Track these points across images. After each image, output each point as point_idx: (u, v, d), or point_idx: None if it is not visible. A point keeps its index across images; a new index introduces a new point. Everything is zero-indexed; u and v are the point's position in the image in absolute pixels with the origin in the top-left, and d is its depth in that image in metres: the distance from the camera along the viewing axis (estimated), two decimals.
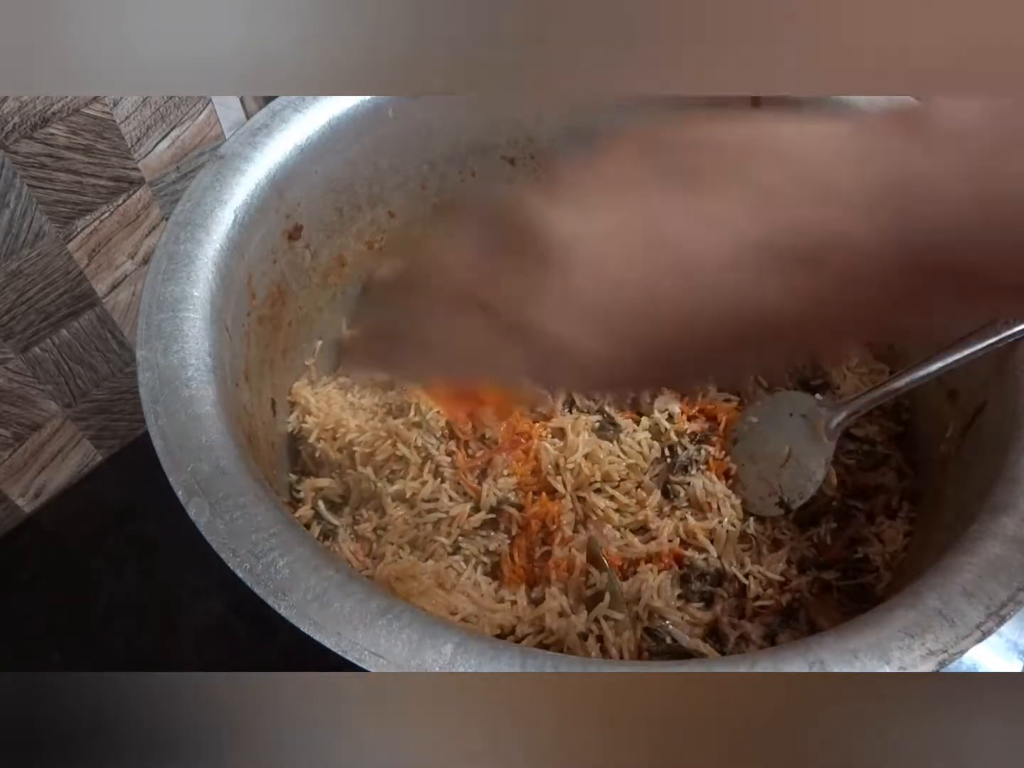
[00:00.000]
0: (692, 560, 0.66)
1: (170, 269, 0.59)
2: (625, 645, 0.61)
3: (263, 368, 0.71)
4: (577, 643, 0.59)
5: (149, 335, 0.55)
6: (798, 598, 0.66)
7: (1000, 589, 0.46)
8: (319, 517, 0.71)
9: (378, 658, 0.42)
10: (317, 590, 0.44)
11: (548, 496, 0.69)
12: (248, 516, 0.47)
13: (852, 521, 0.70)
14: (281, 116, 0.70)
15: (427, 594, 0.61)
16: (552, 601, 0.62)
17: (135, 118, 0.78)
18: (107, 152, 0.77)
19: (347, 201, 0.79)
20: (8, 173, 0.70)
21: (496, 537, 0.68)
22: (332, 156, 0.74)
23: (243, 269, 0.66)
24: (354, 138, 0.75)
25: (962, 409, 0.67)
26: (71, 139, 0.73)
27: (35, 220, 0.74)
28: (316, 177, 0.74)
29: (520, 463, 0.70)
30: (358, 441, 0.72)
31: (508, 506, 0.68)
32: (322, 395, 0.78)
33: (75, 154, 0.74)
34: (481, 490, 0.69)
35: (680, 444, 0.73)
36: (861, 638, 0.44)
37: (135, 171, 0.81)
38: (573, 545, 0.66)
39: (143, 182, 0.83)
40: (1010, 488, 0.52)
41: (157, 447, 0.50)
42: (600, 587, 0.62)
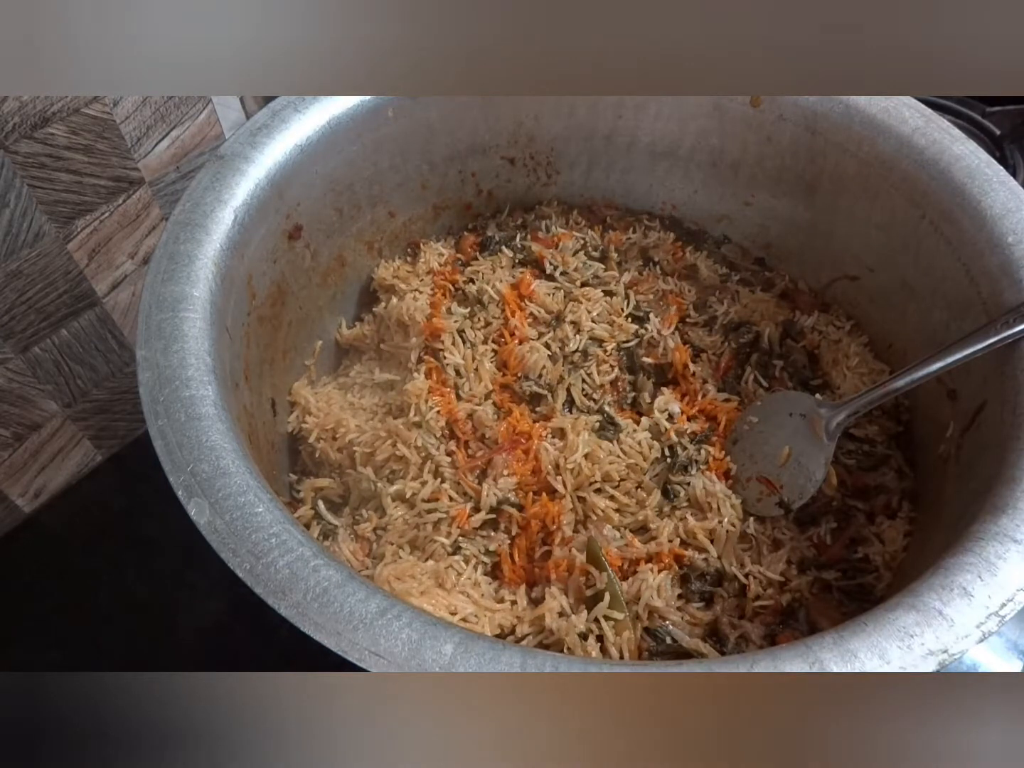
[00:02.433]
0: (692, 560, 0.66)
1: (170, 269, 0.59)
2: (625, 645, 0.61)
3: (263, 368, 0.71)
4: (577, 643, 0.59)
5: (149, 335, 0.55)
6: (798, 598, 0.66)
7: (1000, 589, 0.46)
8: (319, 517, 0.71)
9: (378, 658, 0.42)
10: (317, 590, 0.44)
11: (548, 496, 0.69)
12: (248, 516, 0.47)
13: (852, 521, 0.70)
14: (281, 116, 0.70)
15: (427, 594, 0.61)
16: (552, 601, 0.62)
17: (135, 118, 0.78)
18: (107, 152, 0.77)
19: (347, 201, 0.79)
20: (8, 173, 0.70)
21: (496, 537, 0.68)
22: (332, 156, 0.74)
23: (243, 269, 0.66)
24: (354, 138, 0.75)
25: (962, 409, 0.67)
26: (71, 139, 0.73)
27: (35, 220, 0.74)
28: (316, 177, 0.74)
29: (520, 463, 0.70)
30: (358, 441, 0.72)
31: (508, 506, 0.68)
32: (322, 395, 0.78)
33: (75, 154, 0.74)
34: (481, 490, 0.69)
35: (680, 444, 0.73)
36: (861, 638, 0.44)
37: (135, 171, 0.81)
38: (573, 545, 0.66)
39: (143, 182, 0.83)
40: (1010, 488, 0.52)
41: (157, 447, 0.50)
42: (600, 587, 0.62)
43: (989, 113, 1.07)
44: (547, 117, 0.86)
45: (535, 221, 0.91)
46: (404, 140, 0.80)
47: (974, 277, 0.66)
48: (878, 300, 0.81)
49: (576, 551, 0.65)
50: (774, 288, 0.89)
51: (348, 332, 0.85)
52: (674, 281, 0.88)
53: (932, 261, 0.71)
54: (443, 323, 0.77)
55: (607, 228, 0.92)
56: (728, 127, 0.84)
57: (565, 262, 0.84)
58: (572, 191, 0.94)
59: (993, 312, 0.63)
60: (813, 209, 0.84)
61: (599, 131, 0.88)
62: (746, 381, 0.79)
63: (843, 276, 0.84)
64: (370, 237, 0.85)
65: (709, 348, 0.82)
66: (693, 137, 0.86)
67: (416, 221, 0.89)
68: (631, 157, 0.90)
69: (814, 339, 0.82)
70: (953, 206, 0.69)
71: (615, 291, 0.84)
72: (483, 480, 0.70)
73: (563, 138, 0.89)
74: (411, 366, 0.77)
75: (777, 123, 0.80)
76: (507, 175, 0.91)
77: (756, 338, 0.82)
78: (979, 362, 0.62)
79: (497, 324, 0.79)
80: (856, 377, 0.79)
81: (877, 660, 0.43)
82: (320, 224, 0.77)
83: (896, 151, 0.73)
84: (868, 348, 0.82)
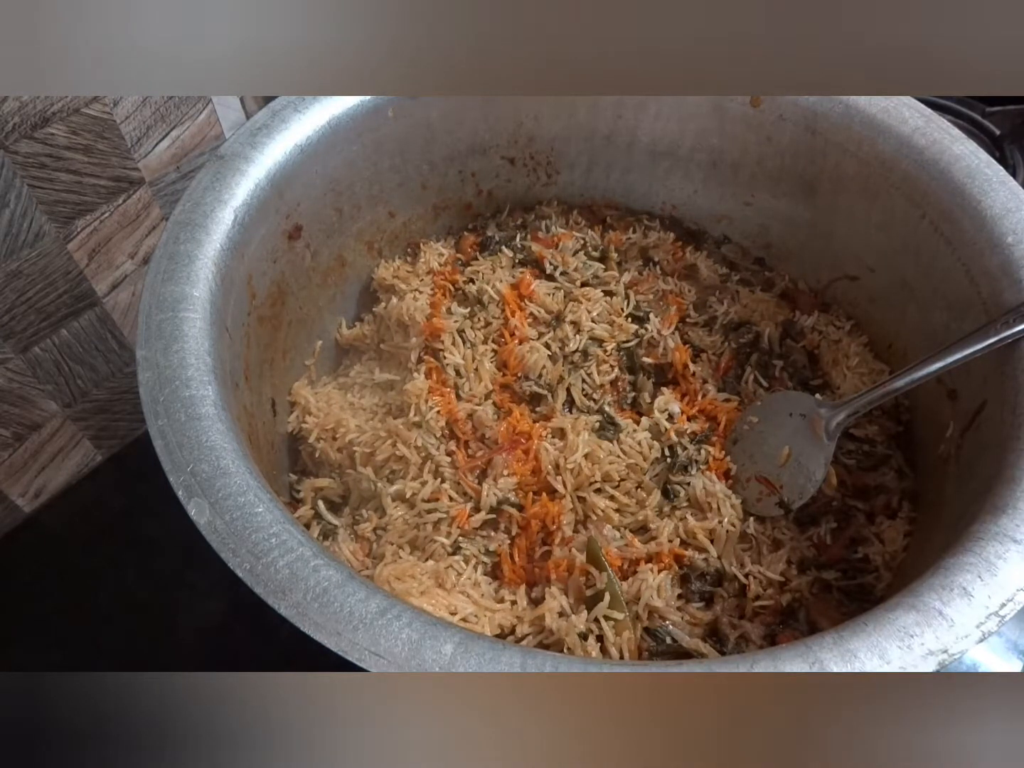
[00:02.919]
0: (692, 560, 0.66)
1: (170, 269, 0.59)
2: (625, 645, 0.61)
3: (263, 368, 0.71)
4: (577, 643, 0.59)
5: (149, 335, 0.55)
6: (798, 598, 0.66)
7: (1000, 589, 0.46)
8: (319, 517, 0.71)
9: (378, 658, 0.42)
10: (317, 590, 0.44)
11: (548, 496, 0.69)
12: (248, 516, 0.47)
13: (852, 521, 0.70)
14: (281, 116, 0.70)
15: (427, 594, 0.61)
16: (552, 601, 0.62)
17: (135, 118, 0.78)
18: (107, 152, 0.77)
19: (347, 201, 0.79)
20: (8, 173, 0.70)
21: (496, 537, 0.68)
22: (332, 156, 0.74)
23: (243, 269, 0.66)
24: (354, 138, 0.75)
25: (962, 409, 0.67)
26: (71, 139, 0.73)
27: (35, 220, 0.74)
28: (316, 177, 0.74)
29: (520, 463, 0.70)
30: (358, 441, 0.72)
31: (508, 506, 0.68)
32: (322, 395, 0.78)
33: (75, 154, 0.74)
34: (481, 490, 0.69)
35: (680, 444, 0.73)
36: (861, 638, 0.44)
37: (135, 171, 0.81)
38: (573, 545, 0.66)
39: (143, 182, 0.83)
40: (1010, 488, 0.52)
41: (157, 447, 0.50)
42: (600, 587, 0.62)
43: (989, 113, 1.07)
44: (547, 117, 0.86)
45: (535, 221, 0.91)
46: (404, 140, 0.80)
47: (974, 277, 0.66)
48: (878, 300, 0.81)
49: (576, 551, 0.65)
50: (774, 288, 0.89)
51: (348, 332, 0.85)
52: (674, 281, 0.88)
53: (932, 261, 0.72)
54: (443, 323, 0.77)
55: (607, 228, 0.92)
56: (728, 127, 0.84)
57: (565, 262, 0.84)
58: (572, 191, 0.94)
59: (993, 312, 0.63)
60: (813, 209, 0.84)
61: (599, 131, 0.88)
62: (746, 381, 0.79)
63: (843, 276, 0.84)
64: (370, 237, 0.85)
65: (709, 348, 0.82)
66: (693, 137, 0.86)
67: (416, 221, 0.89)
68: (631, 157, 0.90)
69: (814, 339, 0.82)
70: (953, 206, 0.69)
71: (615, 291, 0.84)
72: (483, 480, 0.70)
73: (563, 138, 0.89)
74: (411, 366, 0.77)
75: (777, 123, 0.80)
76: (507, 175, 0.91)
77: (756, 338, 0.82)
78: (979, 362, 0.62)
79: (497, 324, 0.79)
80: (856, 377, 0.79)
81: (877, 660, 0.43)
82: (320, 224, 0.77)
83: (896, 151, 0.73)
84: (868, 348, 0.82)
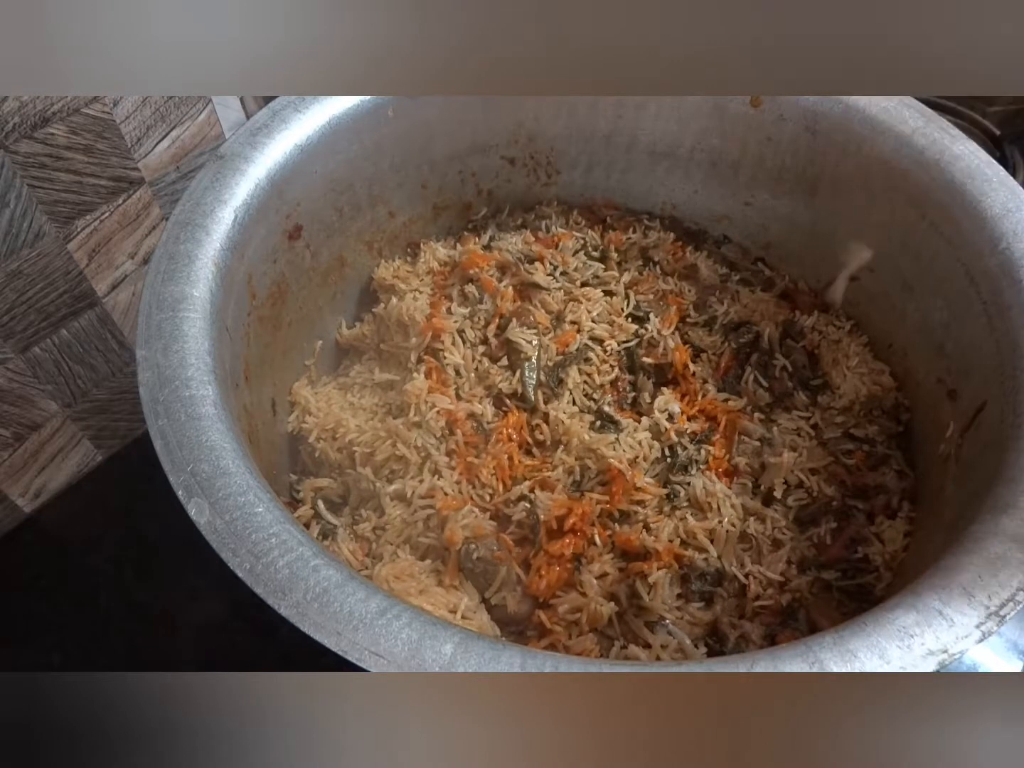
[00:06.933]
0: (692, 560, 0.66)
1: (170, 269, 0.59)
2: None
3: (263, 368, 0.71)
4: None
5: (149, 335, 0.55)
6: (798, 598, 0.66)
7: (1000, 589, 0.46)
8: (319, 517, 0.71)
9: (378, 658, 0.42)
10: (317, 590, 0.44)
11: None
12: (248, 516, 0.47)
13: (852, 521, 0.70)
14: (281, 116, 0.70)
15: (426, 593, 0.61)
16: None
17: (135, 118, 0.78)
18: (107, 152, 0.77)
19: (347, 201, 0.79)
20: (8, 173, 0.70)
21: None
22: (332, 156, 0.74)
23: (243, 269, 0.66)
24: (354, 138, 0.75)
25: (962, 409, 0.67)
26: (71, 139, 0.73)
27: (35, 220, 0.74)
28: (316, 177, 0.74)
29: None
30: (358, 441, 0.72)
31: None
32: (322, 395, 0.78)
33: (75, 154, 0.74)
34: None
35: (680, 444, 0.73)
36: (861, 638, 0.44)
37: (135, 171, 0.81)
38: None
39: (143, 182, 0.83)
40: (1010, 488, 0.52)
41: (157, 447, 0.50)
42: None
43: (989, 113, 1.07)
44: (547, 117, 0.86)
45: (535, 221, 0.91)
46: (404, 140, 0.80)
47: (974, 277, 0.66)
48: (878, 300, 0.81)
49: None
50: (774, 288, 0.89)
51: (348, 332, 0.85)
52: (674, 281, 0.88)
53: (932, 261, 0.72)
54: (443, 323, 0.77)
55: (607, 228, 0.92)
56: (728, 127, 0.84)
57: (565, 262, 0.84)
58: (572, 191, 0.94)
59: (993, 312, 0.63)
60: (813, 209, 0.84)
61: (599, 131, 0.88)
62: (746, 381, 0.79)
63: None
64: (370, 237, 0.85)
65: (709, 348, 0.82)
66: (693, 137, 0.86)
67: (416, 221, 0.89)
68: (631, 157, 0.90)
69: (814, 339, 0.82)
70: (953, 206, 0.69)
71: (615, 291, 0.84)
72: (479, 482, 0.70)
73: (563, 138, 0.89)
74: (411, 366, 0.77)
75: (777, 123, 0.80)
76: (507, 175, 0.91)
77: (756, 338, 0.82)
78: (979, 362, 0.62)
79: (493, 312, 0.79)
80: (856, 377, 0.79)
81: (877, 660, 0.43)
82: (320, 224, 0.77)
83: (896, 151, 0.73)
84: (868, 348, 0.82)
